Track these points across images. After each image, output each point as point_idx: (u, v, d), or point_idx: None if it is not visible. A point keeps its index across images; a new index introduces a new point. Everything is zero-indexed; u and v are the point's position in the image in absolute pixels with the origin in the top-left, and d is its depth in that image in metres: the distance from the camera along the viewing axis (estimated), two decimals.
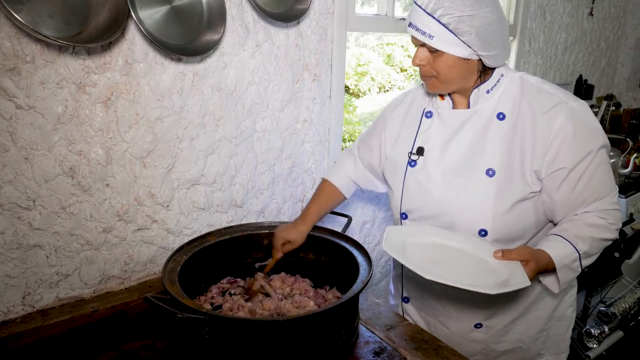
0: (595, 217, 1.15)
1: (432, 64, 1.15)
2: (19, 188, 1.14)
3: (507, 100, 1.19)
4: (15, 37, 1.07)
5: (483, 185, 1.16)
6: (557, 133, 1.12)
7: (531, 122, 1.15)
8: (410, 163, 1.28)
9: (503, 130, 1.17)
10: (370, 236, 2.13)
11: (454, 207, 1.20)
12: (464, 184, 1.19)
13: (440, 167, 1.23)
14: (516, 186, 1.15)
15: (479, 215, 1.17)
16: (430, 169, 1.25)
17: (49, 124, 1.15)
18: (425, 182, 1.25)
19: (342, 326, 1.11)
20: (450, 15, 1.06)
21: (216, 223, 1.55)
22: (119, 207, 1.32)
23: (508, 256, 1.06)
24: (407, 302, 1.43)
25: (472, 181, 1.18)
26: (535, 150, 1.14)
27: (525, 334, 1.31)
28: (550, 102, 1.15)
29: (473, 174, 1.18)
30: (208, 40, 1.32)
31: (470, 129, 1.21)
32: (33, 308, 1.24)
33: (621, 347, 2.58)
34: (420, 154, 1.27)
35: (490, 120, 1.19)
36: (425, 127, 1.29)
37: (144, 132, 1.32)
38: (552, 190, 1.15)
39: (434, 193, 1.23)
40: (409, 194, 1.28)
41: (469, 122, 1.21)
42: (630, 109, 3.45)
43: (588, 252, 1.13)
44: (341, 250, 1.33)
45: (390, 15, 1.91)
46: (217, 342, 1.00)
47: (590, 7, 3.04)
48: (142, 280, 1.41)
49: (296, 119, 1.68)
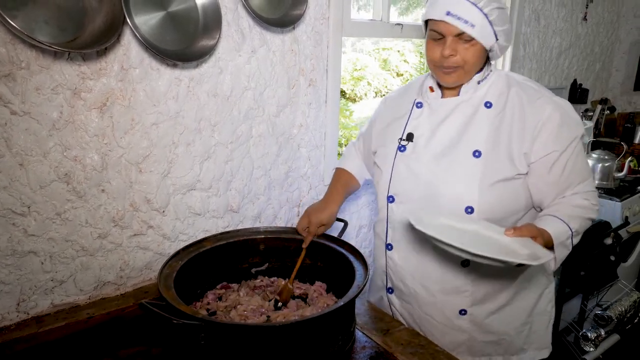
0: (581, 199, 1.24)
1: (462, 54, 1.18)
2: (13, 194, 1.14)
3: (494, 92, 1.27)
4: (10, 43, 1.07)
5: (470, 165, 1.22)
6: (546, 120, 1.20)
7: (520, 108, 1.23)
8: (400, 148, 1.33)
9: (491, 116, 1.24)
10: (366, 241, 2.13)
11: (441, 186, 1.24)
12: (451, 164, 1.24)
13: (428, 150, 1.28)
14: (502, 167, 1.21)
15: (466, 193, 1.21)
16: (419, 152, 1.29)
17: (44, 130, 1.15)
18: (413, 166, 1.29)
19: (338, 331, 1.11)
20: (491, 7, 1.13)
21: (212, 228, 1.54)
22: (114, 213, 1.31)
23: (520, 232, 1.11)
24: (392, 292, 1.43)
25: (459, 162, 1.23)
26: (525, 134, 1.21)
27: (509, 326, 1.33)
28: (536, 95, 1.24)
29: (460, 155, 1.24)
30: (204, 46, 1.32)
31: (458, 115, 1.27)
32: (28, 315, 1.23)
33: (618, 350, 2.58)
34: (409, 140, 1.32)
35: (478, 108, 1.26)
36: (415, 115, 1.34)
37: (140, 137, 1.32)
38: (544, 172, 1.22)
39: (422, 175, 1.27)
40: (397, 177, 1.32)
41: (458, 109, 1.28)
42: (624, 112, 3.48)
43: (578, 231, 1.21)
44: (337, 255, 1.33)
45: (385, 20, 1.92)
46: (212, 348, 1.00)
47: (584, 12, 3.06)
48: (137, 286, 1.40)
49: (292, 124, 1.69)
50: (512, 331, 1.34)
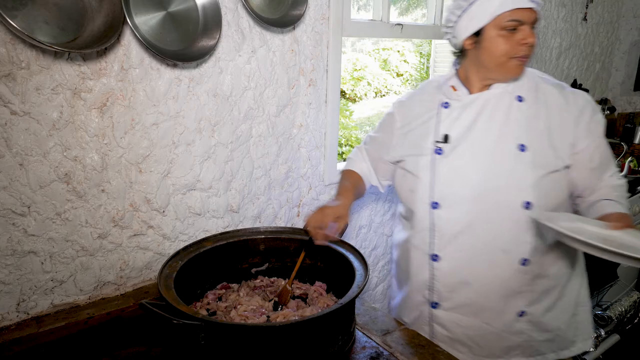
0: (617, 179, 1.31)
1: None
2: (13, 194, 1.14)
3: (522, 85, 1.28)
4: (10, 43, 1.07)
5: (518, 159, 1.22)
6: (582, 109, 1.26)
7: (554, 101, 1.26)
8: (436, 151, 1.30)
9: (525, 109, 1.26)
10: (366, 241, 2.13)
11: (493, 184, 1.24)
12: (498, 161, 1.24)
13: (470, 149, 1.27)
14: (548, 159, 1.24)
15: (521, 189, 1.22)
16: (460, 153, 1.28)
17: (44, 130, 1.15)
18: (457, 167, 1.27)
19: (338, 331, 1.11)
20: None
21: (212, 228, 1.54)
22: (114, 213, 1.31)
23: (626, 224, 1.14)
24: (436, 307, 1.36)
25: (506, 157, 1.23)
26: (566, 125, 1.25)
27: (561, 320, 1.34)
28: (561, 86, 1.30)
29: (506, 152, 1.24)
30: (204, 46, 1.32)
31: (492, 110, 1.27)
32: (28, 315, 1.23)
33: (618, 350, 2.58)
34: (446, 141, 1.30)
35: (510, 102, 1.27)
36: (445, 116, 1.32)
37: (140, 137, 1.32)
38: (587, 160, 1.27)
39: (470, 175, 1.26)
40: (440, 182, 1.29)
41: (490, 104, 1.28)
42: (624, 113, 3.48)
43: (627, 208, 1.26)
44: (337, 255, 1.33)
45: (385, 20, 1.92)
46: (212, 348, 0.99)
47: (584, 12, 3.06)
48: (137, 286, 1.40)
49: (292, 124, 1.69)
50: (564, 325, 1.35)
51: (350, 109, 3.49)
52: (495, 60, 1.24)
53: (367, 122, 3.70)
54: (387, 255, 2.24)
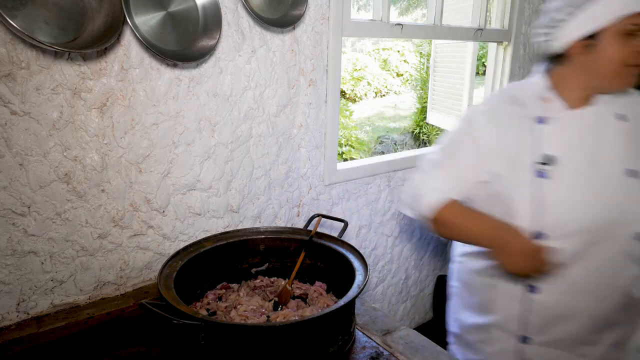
0: None
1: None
2: (13, 194, 1.14)
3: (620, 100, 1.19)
4: (10, 43, 1.07)
5: (630, 187, 1.14)
6: None
7: None
8: (539, 174, 1.17)
9: (630, 129, 1.16)
10: (366, 241, 2.13)
11: (606, 216, 1.14)
12: (610, 190, 1.14)
13: (581, 176, 1.16)
14: None
15: (634, 219, 1.14)
16: (571, 179, 1.16)
17: (44, 130, 1.15)
18: (570, 196, 1.15)
19: (338, 331, 1.11)
20: None
21: (212, 228, 1.54)
22: (114, 213, 1.31)
23: None
24: (527, 341, 1.25)
25: (618, 185, 1.15)
26: None
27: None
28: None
29: (616, 178, 1.15)
30: (204, 46, 1.32)
31: (597, 130, 1.17)
32: (28, 315, 1.23)
33: None
34: (550, 164, 1.16)
35: (613, 120, 1.17)
36: (543, 134, 1.18)
37: (140, 137, 1.32)
38: None
39: (583, 206, 1.14)
40: (543, 209, 1.16)
41: (594, 123, 1.17)
42: None
43: None
44: (337, 255, 1.33)
45: (385, 20, 1.92)
46: (212, 348, 0.99)
47: None
48: (137, 286, 1.40)
49: (292, 124, 1.69)
50: None
51: (350, 109, 3.49)
52: (611, 67, 1.11)
53: (367, 122, 3.70)
54: (387, 255, 2.24)
